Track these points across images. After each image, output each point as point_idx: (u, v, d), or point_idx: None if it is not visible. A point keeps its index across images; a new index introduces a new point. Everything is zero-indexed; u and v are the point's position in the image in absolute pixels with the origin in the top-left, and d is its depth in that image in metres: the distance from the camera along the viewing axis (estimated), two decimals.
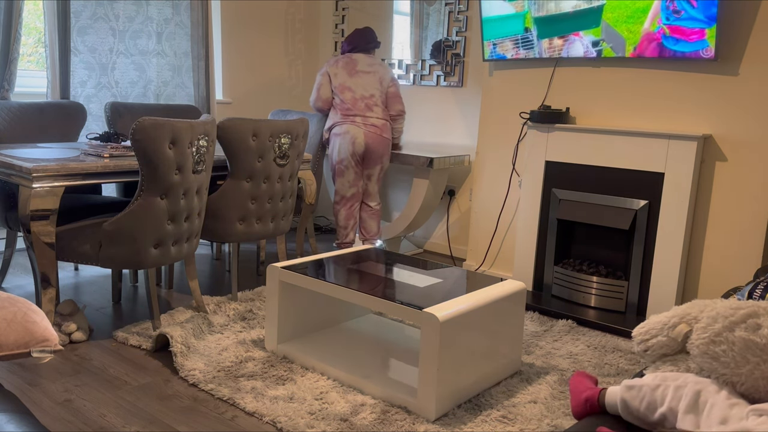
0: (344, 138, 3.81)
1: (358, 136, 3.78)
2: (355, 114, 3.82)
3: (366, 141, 3.80)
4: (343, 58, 3.96)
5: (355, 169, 3.87)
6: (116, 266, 2.65)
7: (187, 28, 4.44)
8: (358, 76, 3.89)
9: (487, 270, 3.98)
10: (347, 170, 3.86)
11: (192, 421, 2.11)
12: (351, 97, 3.82)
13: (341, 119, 3.84)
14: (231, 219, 3.10)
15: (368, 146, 3.82)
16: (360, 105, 3.81)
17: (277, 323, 2.61)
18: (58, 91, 3.81)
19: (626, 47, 3.19)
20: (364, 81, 3.89)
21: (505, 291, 2.42)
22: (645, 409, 1.41)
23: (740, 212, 3.08)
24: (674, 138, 3.08)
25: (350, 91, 3.84)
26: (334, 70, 3.91)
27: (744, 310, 1.35)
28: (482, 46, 3.74)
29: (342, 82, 3.85)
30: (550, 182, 3.53)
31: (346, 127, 3.81)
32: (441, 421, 2.14)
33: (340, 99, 3.86)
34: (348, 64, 3.91)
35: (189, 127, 2.62)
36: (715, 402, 1.29)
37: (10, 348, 1.36)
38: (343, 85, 3.85)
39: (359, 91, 3.84)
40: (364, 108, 3.82)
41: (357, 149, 3.80)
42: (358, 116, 3.81)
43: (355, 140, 3.79)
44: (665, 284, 3.16)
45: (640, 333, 1.57)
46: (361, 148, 3.81)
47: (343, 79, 3.86)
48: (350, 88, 3.84)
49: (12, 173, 2.57)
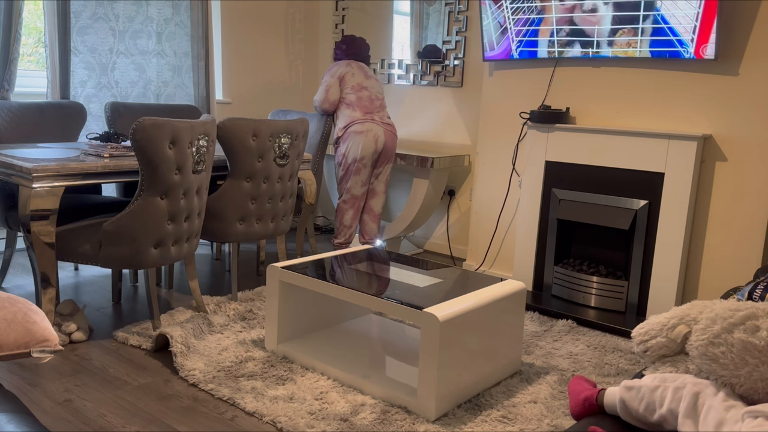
0: (366, 136, 3.76)
1: (380, 134, 3.79)
2: (373, 112, 3.85)
3: (385, 139, 3.83)
4: (353, 62, 3.97)
5: (369, 168, 3.86)
6: (116, 266, 2.65)
7: (187, 28, 4.44)
8: (371, 79, 3.96)
9: (487, 270, 3.98)
10: (364, 168, 3.81)
11: (192, 421, 2.11)
12: (368, 95, 3.85)
13: (362, 117, 3.80)
14: (231, 219, 3.10)
15: (386, 144, 3.85)
16: (376, 104, 3.87)
17: (277, 323, 2.61)
18: (58, 91, 3.81)
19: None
20: (376, 84, 3.98)
21: (505, 291, 2.42)
22: (644, 410, 1.41)
23: (740, 212, 3.08)
24: (674, 138, 3.08)
25: (367, 90, 3.87)
26: (351, 71, 3.91)
27: (742, 312, 1.34)
28: (482, 46, 3.74)
29: (359, 82, 3.89)
30: (550, 182, 3.53)
31: (368, 125, 3.77)
32: (441, 421, 2.14)
33: (357, 97, 3.84)
34: (361, 67, 3.97)
35: (189, 127, 2.62)
36: (712, 404, 1.29)
37: (10, 348, 1.36)
38: (360, 85, 3.88)
39: (374, 92, 3.88)
40: (379, 107, 3.88)
41: (378, 147, 3.80)
42: (377, 114, 3.86)
43: (377, 138, 3.78)
44: (665, 284, 3.16)
45: (639, 334, 1.57)
46: (381, 146, 3.83)
47: (360, 80, 3.89)
48: (367, 87, 3.89)
49: (12, 173, 2.57)
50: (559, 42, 3.42)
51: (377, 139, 3.78)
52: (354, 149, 3.78)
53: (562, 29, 3.39)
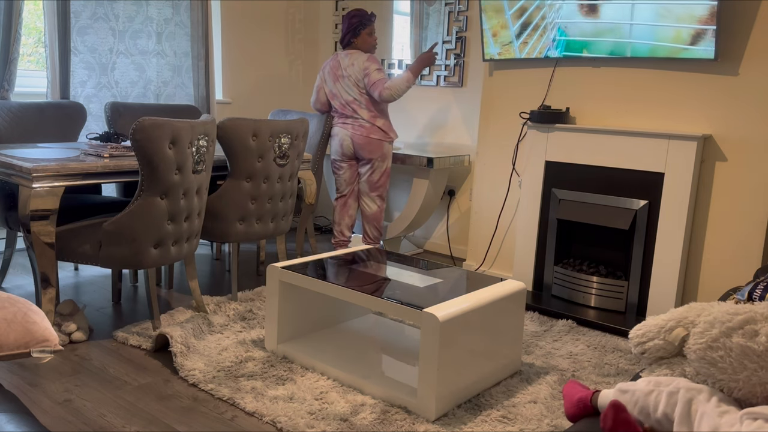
0: (334, 140, 3.99)
1: (345, 138, 3.92)
2: (346, 116, 3.94)
3: (354, 141, 3.91)
4: (330, 63, 3.96)
5: (349, 167, 4.01)
6: (116, 266, 2.65)
7: (187, 28, 4.44)
8: (341, 82, 3.92)
9: (487, 270, 3.98)
10: (340, 169, 4.02)
11: (192, 421, 2.11)
12: (339, 103, 3.96)
13: (335, 121, 4.01)
14: (231, 219, 3.10)
15: (357, 146, 3.91)
16: (348, 109, 3.94)
17: (277, 323, 2.61)
18: (58, 91, 3.81)
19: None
20: (346, 86, 3.91)
21: (505, 291, 2.42)
22: (638, 413, 1.41)
23: (740, 212, 3.08)
24: (674, 138, 3.08)
25: (337, 97, 3.96)
26: (323, 78, 4.02)
27: (741, 316, 1.34)
28: (482, 46, 3.74)
29: (330, 90, 4.00)
30: (550, 182, 3.53)
31: (336, 129, 3.98)
32: (441, 421, 2.14)
33: (332, 105, 4.03)
34: (333, 68, 3.95)
35: (189, 127, 2.62)
36: (705, 411, 1.29)
37: (10, 348, 1.36)
38: (331, 92, 3.99)
39: (344, 96, 3.91)
40: (352, 111, 3.93)
41: (345, 150, 3.94)
42: (349, 118, 3.93)
43: (342, 142, 3.93)
44: (665, 284, 3.16)
45: (636, 335, 1.56)
46: (349, 150, 3.94)
47: (331, 87, 3.98)
48: (336, 95, 3.96)
49: (12, 173, 2.57)
50: (559, 42, 3.42)
51: (342, 143, 3.93)
52: (331, 152, 4.04)
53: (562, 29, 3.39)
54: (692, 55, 3.01)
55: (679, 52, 3.04)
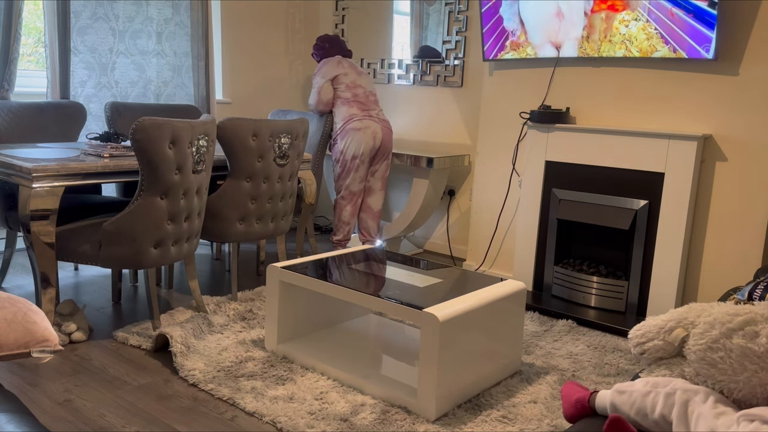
0: (365, 133, 3.78)
1: (378, 131, 3.81)
2: (370, 109, 3.87)
3: (383, 136, 3.85)
4: (343, 60, 3.97)
5: (367, 164, 3.90)
6: (116, 266, 2.65)
7: (187, 28, 4.44)
8: (363, 75, 3.97)
9: (487, 270, 3.98)
10: (362, 165, 3.84)
11: (192, 421, 2.11)
12: (363, 92, 3.87)
13: (360, 114, 3.81)
14: (231, 219, 3.10)
15: (383, 141, 3.87)
16: (371, 100, 3.87)
17: (277, 323, 2.61)
18: (58, 91, 3.81)
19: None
20: (368, 80, 4.00)
21: (505, 291, 2.42)
22: (635, 414, 1.41)
23: (740, 212, 3.08)
24: (674, 138, 3.08)
25: (362, 87, 3.89)
26: (343, 71, 3.93)
27: (741, 317, 1.34)
28: (482, 46, 3.74)
29: (353, 80, 3.91)
30: (550, 182, 3.53)
31: (366, 122, 3.79)
32: (441, 421, 2.14)
33: (353, 94, 3.87)
34: (351, 64, 3.99)
35: (189, 127, 2.62)
36: (701, 413, 1.29)
37: (10, 348, 1.36)
38: (354, 83, 3.90)
39: (368, 88, 3.90)
40: (374, 103, 3.89)
41: (377, 144, 3.82)
42: (373, 111, 3.88)
43: (375, 135, 3.81)
44: (665, 284, 3.16)
45: (636, 336, 1.56)
46: (380, 143, 3.85)
47: (354, 78, 3.91)
48: (361, 85, 3.90)
49: (12, 173, 2.57)
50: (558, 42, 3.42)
51: (375, 135, 3.81)
52: (353, 146, 3.80)
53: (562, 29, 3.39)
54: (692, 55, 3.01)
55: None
